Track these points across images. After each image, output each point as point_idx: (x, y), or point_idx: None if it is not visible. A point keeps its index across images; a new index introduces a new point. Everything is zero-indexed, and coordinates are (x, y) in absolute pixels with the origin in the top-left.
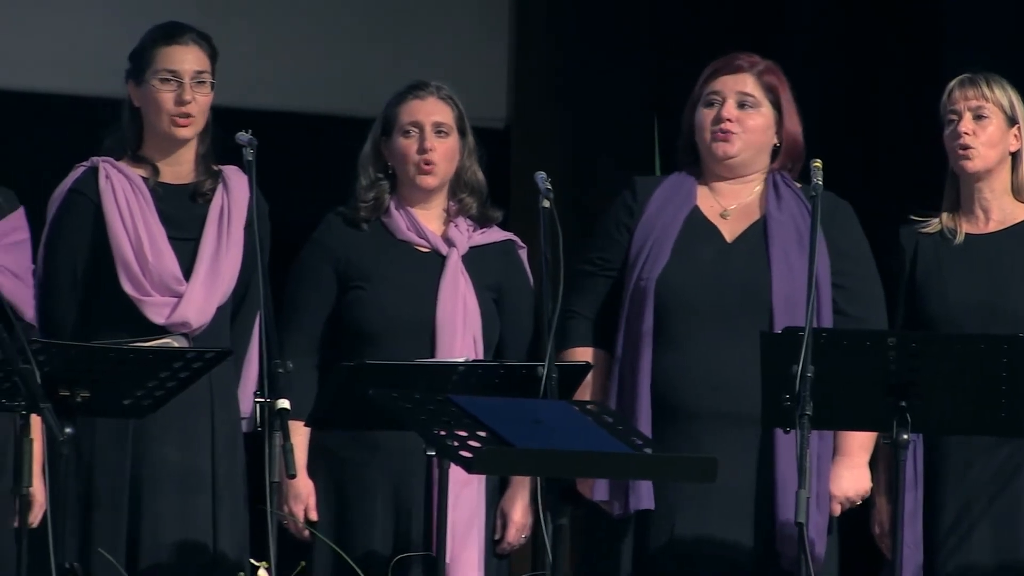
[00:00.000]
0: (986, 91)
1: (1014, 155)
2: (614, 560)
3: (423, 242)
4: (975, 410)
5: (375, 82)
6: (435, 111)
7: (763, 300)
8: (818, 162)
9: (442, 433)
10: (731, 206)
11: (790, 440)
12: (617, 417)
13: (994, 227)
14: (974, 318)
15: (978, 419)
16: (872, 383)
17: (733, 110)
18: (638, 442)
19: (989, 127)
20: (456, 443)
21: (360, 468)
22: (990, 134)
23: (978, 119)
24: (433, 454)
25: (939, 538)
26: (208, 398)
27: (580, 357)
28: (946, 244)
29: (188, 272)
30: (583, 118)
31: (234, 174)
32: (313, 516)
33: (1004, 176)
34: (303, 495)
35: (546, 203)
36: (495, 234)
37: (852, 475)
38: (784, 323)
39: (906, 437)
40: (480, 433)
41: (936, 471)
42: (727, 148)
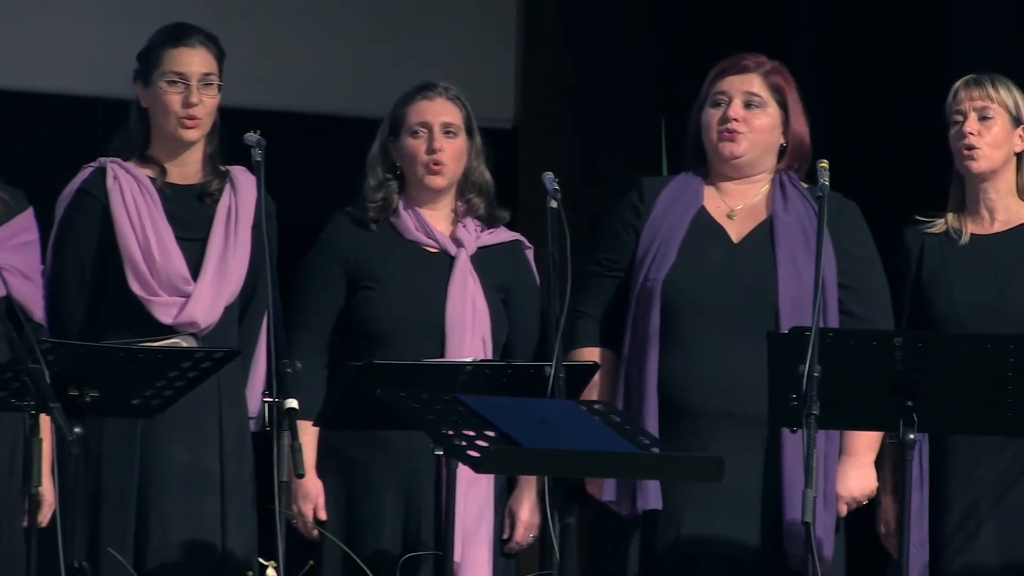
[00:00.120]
0: (991, 92)
1: (1019, 155)
2: (621, 560)
3: (431, 242)
4: (981, 410)
5: (382, 82)
6: (443, 111)
7: (769, 300)
8: (825, 163)
9: (450, 432)
10: (737, 206)
11: (797, 440)
12: (624, 417)
13: (999, 227)
14: (979, 318)
15: (984, 419)
16: (878, 383)
17: (739, 110)
18: (645, 442)
19: (994, 127)
20: (464, 442)
21: (369, 467)
22: (995, 134)
23: (983, 120)
24: (441, 453)
25: (945, 538)
26: (216, 398)
27: (587, 357)
28: (951, 244)
29: (196, 272)
30: (590, 119)
31: (241, 174)
32: (322, 515)
33: (1009, 176)
34: (312, 494)
35: (553, 203)
36: (502, 234)
37: (858, 475)
38: (790, 323)
39: (912, 437)
40: (488, 432)
41: (942, 471)
42: (733, 148)
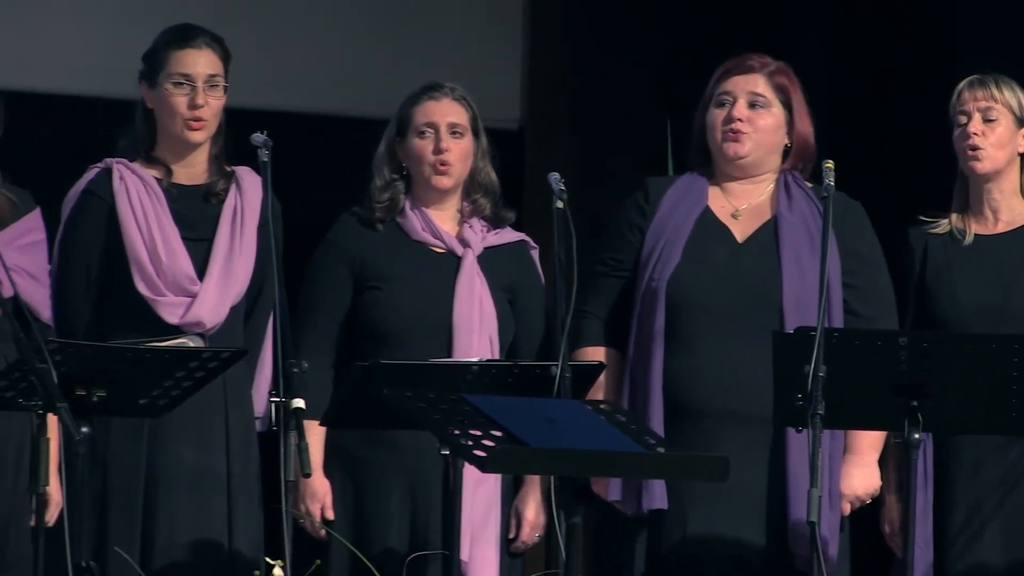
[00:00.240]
0: (995, 92)
1: (1023, 156)
2: (627, 559)
3: (438, 243)
4: (986, 410)
5: (387, 83)
6: (450, 112)
7: (773, 300)
8: (830, 163)
9: (456, 432)
10: (742, 206)
11: (802, 439)
12: (630, 417)
13: (1003, 228)
14: (983, 318)
15: (989, 419)
16: (883, 383)
17: (744, 110)
18: (651, 441)
19: (998, 128)
20: (470, 442)
21: (376, 467)
22: (999, 135)
23: (987, 121)
24: (447, 453)
25: (949, 537)
26: (222, 398)
27: (592, 357)
28: (955, 245)
29: (202, 272)
30: (596, 119)
31: (247, 175)
32: (330, 515)
33: (1013, 177)
34: (320, 494)
35: (559, 204)
36: (508, 235)
37: (862, 474)
38: (795, 323)
39: (918, 436)
40: (494, 432)
41: (946, 470)
42: (737, 148)
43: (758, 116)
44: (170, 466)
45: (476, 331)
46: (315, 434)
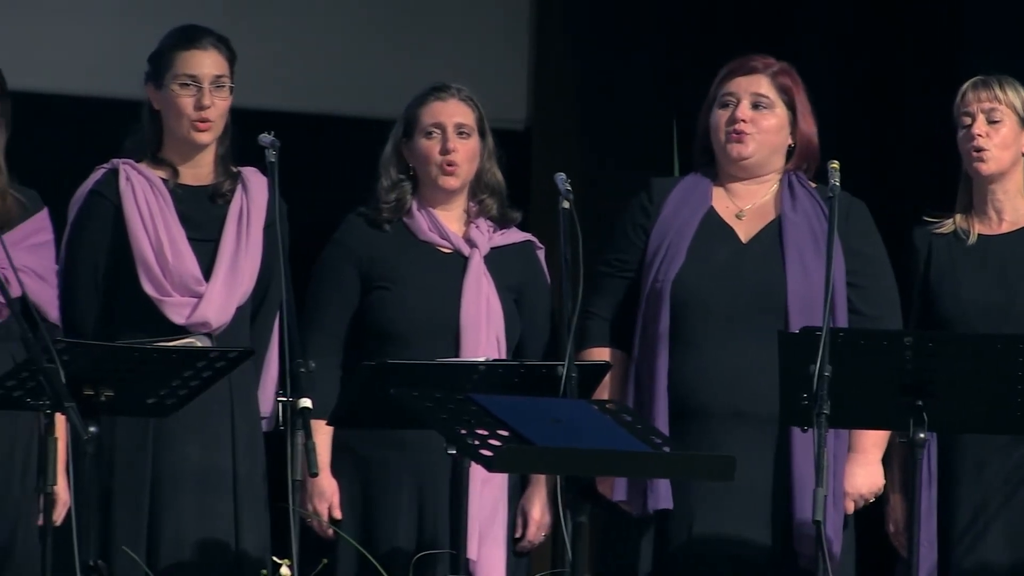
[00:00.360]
0: (999, 93)
1: None
2: (633, 559)
3: (445, 243)
4: (991, 409)
5: (393, 84)
6: (457, 112)
7: (778, 300)
8: (835, 163)
9: (463, 431)
10: (746, 207)
11: (807, 439)
12: (636, 416)
13: (1007, 228)
14: (987, 318)
15: (994, 418)
16: (889, 382)
17: (747, 111)
18: (657, 441)
19: (1002, 129)
20: (477, 441)
21: (383, 466)
22: (1003, 136)
23: (991, 122)
24: (454, 452)
25: (954, 536)
26: (228, 398)
27: (597, 357)
28: (959, 245)
29: (208, 273)
30: (602, 119)
31: (253, 175)
32: (337, 514)
33: (1017, 177)
34: (327, 493)
35: (566, 204)
36: (514, 235)
37: (865, 472)
38: (799, 323)
39: (923, 436)
40: (500, 432)
41: (951, 470)
42: (741, 149)
43: (762, 117)
44: (176, 466)
45: (483, 331)
46: (322, 433)
